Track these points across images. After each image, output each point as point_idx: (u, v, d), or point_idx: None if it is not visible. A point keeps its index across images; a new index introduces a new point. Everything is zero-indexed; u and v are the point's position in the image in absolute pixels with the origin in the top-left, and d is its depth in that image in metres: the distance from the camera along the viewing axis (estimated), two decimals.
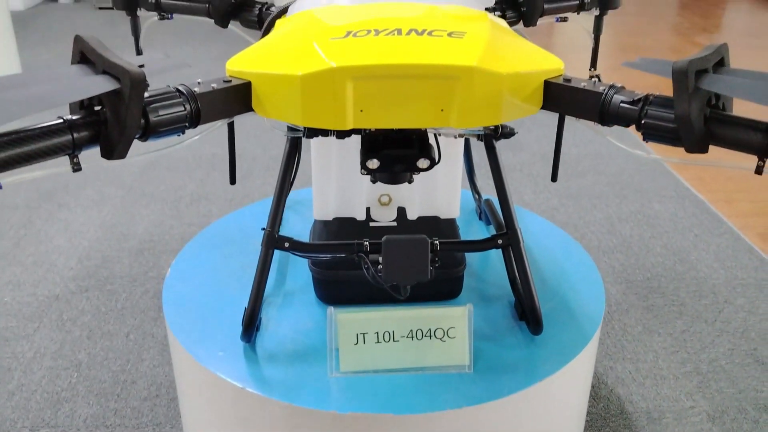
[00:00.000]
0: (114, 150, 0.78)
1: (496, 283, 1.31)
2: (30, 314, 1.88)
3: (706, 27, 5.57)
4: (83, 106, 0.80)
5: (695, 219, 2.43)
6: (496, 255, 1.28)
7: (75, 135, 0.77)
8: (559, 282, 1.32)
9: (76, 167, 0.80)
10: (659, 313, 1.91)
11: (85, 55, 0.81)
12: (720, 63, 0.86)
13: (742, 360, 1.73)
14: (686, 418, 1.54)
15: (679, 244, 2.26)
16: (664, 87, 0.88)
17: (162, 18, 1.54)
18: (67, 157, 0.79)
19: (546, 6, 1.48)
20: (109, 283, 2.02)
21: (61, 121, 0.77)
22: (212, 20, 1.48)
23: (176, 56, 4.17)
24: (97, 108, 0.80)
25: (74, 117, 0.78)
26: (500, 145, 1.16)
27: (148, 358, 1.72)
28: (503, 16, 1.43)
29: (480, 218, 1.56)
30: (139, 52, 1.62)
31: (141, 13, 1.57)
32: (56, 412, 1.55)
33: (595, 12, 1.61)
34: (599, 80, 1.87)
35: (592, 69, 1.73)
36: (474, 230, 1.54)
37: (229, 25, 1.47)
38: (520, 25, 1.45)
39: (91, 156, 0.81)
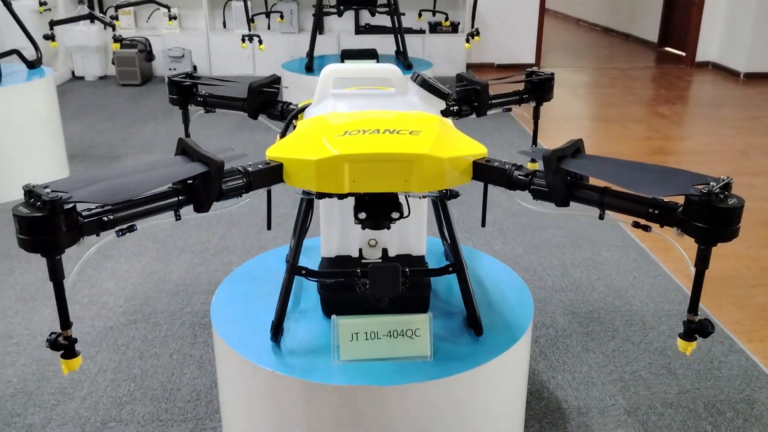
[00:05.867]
0: (202, 207, 1.28)
1: (456, 305, 1.79)
2: (91, 341, 2.35)
3: (669, 98, 6.18)
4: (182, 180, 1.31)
5: (636, 264, 2.91)
6: (458, 287, 1.73)
7: (179, 198, 1.27)
8: (501, 302, 1.80)
9: (178, 217, 1.29)
10: (596, 337, 2.37)
11: (184, 150, 1.32)
12: (577, 151, 1.37)
13: (657, 371, 2.19)
14: (607, 412, 2.00)
15: (619, 284, 2.74)
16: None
17: (207, 111, 2.06)
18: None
19: (492, 101, 2.00)
20: (153, 317, 2.49)
21: (171, 189, 1.27)
22: (245, 114, 2.01)
23: (218, 138, 4.68)
24: (189, 182, 1.30)
25: (178, 187, 1.28)
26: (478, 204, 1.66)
27: (188, 372, 2.17)
28: (459, 110, 1.96)
29: (447, 260, 2.05)
30: (187, 136, 2.13)
31: (190, 107, 2.09)
32: (120, 411, 2.00)
33: (533, 104, 2.14)
34: None
35: (534, 146, 2.26)
36: None
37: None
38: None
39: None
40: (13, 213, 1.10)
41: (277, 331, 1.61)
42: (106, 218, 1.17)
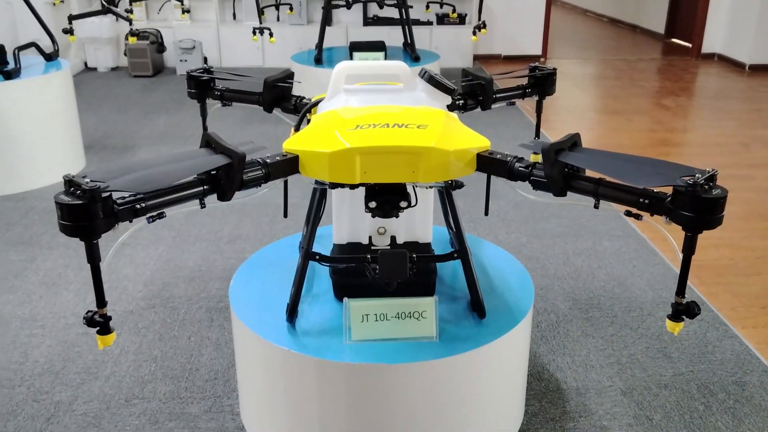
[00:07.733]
0: (225, 196, 1.38)
1: (461, 290, 1.89)
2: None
3: (673, 90, 6.24)
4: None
5: (636, 253, 3.00)
6: (462, 273, 1.82)
7: (204, 187, 1.37)
8: (503, 287, 1.90)
9: (203, 206, 1.40)
10: (596, 322, 2.47)
11: (208, 143, 1.42)
12: (575, 144, 1.46)
13: (653, 355, 2.29)
14: (605, 393, 2.10)
15: (619, 273, 2.83)
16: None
17: (224, 105, 2.16)
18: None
19: (496, 95, 2.09)
20: (171, 302, 2.60)
21: (197, 179, 1.37)
22: (255, 107, 2.10)
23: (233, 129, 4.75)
24: (213, 172, 1.40)
25: (203, 177, 1.38)
26: (481, 195, 1.76)
27: (206, 353, 2.28)
28: (465, 104, 2.05)
29: (452, 247, 2.15)
30: (205, 129, 2.23)
31: (208, 101, 2.18)
32: (143, 389, 2.11)
33: (536, 98, 2.23)
34: None
35: (536, 138, 2.34)
36: None
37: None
38: None
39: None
40: (55, 201, 1.21)
41: (292, 313, 1.72)
42: (138, 206, 1.27)
